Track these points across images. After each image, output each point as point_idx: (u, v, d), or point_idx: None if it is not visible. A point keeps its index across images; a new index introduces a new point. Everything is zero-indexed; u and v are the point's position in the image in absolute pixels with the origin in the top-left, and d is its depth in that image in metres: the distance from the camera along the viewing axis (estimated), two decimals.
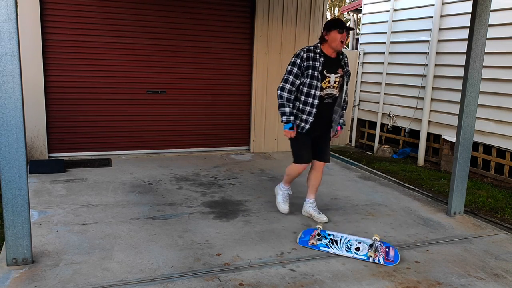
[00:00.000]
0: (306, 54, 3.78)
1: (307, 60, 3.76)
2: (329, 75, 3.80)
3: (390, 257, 3.28)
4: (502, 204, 5.15)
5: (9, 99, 2.82)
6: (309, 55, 3.78)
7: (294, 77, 3.81)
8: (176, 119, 6.64)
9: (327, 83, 3.80)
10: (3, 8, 2.73)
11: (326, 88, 3.81)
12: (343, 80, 3.91)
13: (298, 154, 4.03)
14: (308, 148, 4.02)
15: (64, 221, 3.88)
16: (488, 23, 4.14)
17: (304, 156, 4.02)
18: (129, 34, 6.12)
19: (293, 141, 4.03)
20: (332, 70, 3.82)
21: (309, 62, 3.76)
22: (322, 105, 3.87)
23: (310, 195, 4.26)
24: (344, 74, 3.90)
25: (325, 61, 3.78)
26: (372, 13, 8.84)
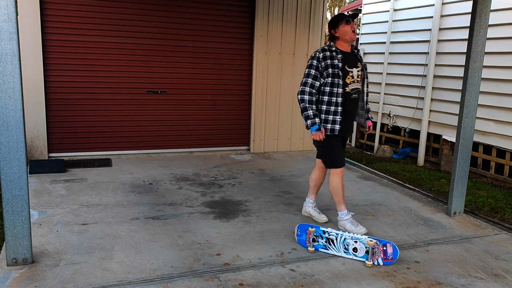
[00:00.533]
0: (322, 54, 3.70)
1: (325, 60, 3.68)
2: (351, 69, 3.73)
3: (388, 255, 3.28)
4: (502, 204, 5.15)
5: (9, 99, 2.82)
6: (326, 54, 3.70)
7: (313, 79, 3.69)
8: (176, 119, 6.64)
9: (351, 78, 3.72)
10: (3, 8, 2.73)
11: (351, 83, 3.74)
12: (364, 74, 3.85)
13: (335, 157, 3.84)
14: (341, 150, 3.89)
15: (64, 221, 3.88)
16: (488, 23, 4.14)
17: (341, 158, 3.87)
18: (129, 34, 6.12)
19: (325, 147, 3.82)
20: (352, 64, 3.76)
21: (327, 61, 3.68)
22: (348, 102, 3.77)
23: (311, 194, 4.21)
24: (363, 67, 3.85)
25: (344, 57, 3.73)
26: (372, 13, 8.84)
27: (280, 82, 7.05)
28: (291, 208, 4.49)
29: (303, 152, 7.34)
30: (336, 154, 3.84)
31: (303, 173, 5.93)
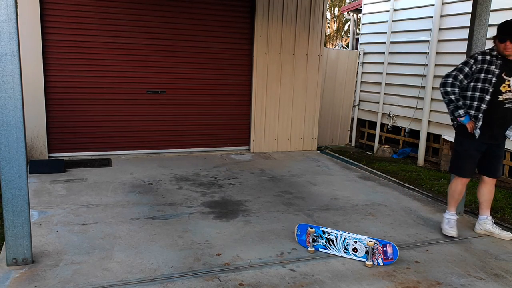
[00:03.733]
0: (482, 56, 3.60)
1: (482, 63, 3.59)
2: (509, 78, 3.55)
3: (388, 255, 3.28)
4: (502, 204, 5.15)
5: (9, 99, 2.82)
6: (485, 58, 3.60)
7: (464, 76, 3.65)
8: (176, 119, 6.64)
9: (507, 87, 3.55)
10: (3, 8, 2.73)
11: (506, 92, 3.55)
12: None
13: (459, 165, 3.83)
14: (473, 160, 3.78)
15: (64, 221, 3.88)
16: (488, 23, 4.14)
17: (466, 168, 3.81)
18: (129, 34, 6.12)
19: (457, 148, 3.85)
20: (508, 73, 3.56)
21: (484, 66, 3.58)
22: (501, 111, 3.60)
23: (484, 211, 3.94)
24: None
25: (503, 64, 3.56)
26: (372, 13, 8.84)
27: (280, 82, 7.05)
28: (291, 208, 4.49)
29: (303, 152, 7.34)
30: (462, 160, 3.82)
31: (303, 173, 5.93)
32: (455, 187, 3.91)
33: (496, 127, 3.69)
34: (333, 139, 9.00)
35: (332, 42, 21.93)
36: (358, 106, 9.08)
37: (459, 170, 3.86)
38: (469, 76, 3.65)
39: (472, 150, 3.77)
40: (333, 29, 22.52)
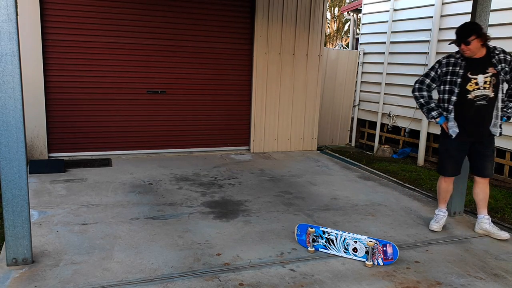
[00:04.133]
0: (446, 60, 3.78)
1: (447, 66, 3.75)
2: (475, 76, 3.65)
3: (388, 255, 3.28)
4: (502, 204, 5.15)
5: (9, 99, 2.82)
6: (449, 60, 3.77)
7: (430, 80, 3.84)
8: (176, 119, 6.64)
9: (474, 85, 3.65)
10: (3, 8, 2.73)
11: (475, 90, 3.65)
12: (498, 79, 3.65)
13: (441, 164, 4.00)
14: (454, 160, 3.89)
15: (64, 221, 3.88)
16: (488, 23, 4.14)
17: (446, 167, 3.93)
18: (129, 34, 6.12)
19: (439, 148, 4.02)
20: (478, 71, 3.66)
21: (449, 68, 3.74)
22: (474, 109, 3.69)
23: (481, 210, 4.00)
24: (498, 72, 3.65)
25: (468, 63, 3.68)
26: (372, 13, 8.84)
27: (280, 82, 7.05)
28: (291, 208, 4.49)
29: (303, 152, 7.34)
30: (445, 161, 3.95)
31: (303, 173, 5.93)
32: (439, 185, 4.07)
33: (472, 126, 3.76)
34: (333, 139, 9.00)
35: (332, 42, 21.93)
36: (358, 106, 9.08)
37: (441, 168, 4.02)
38: (436, 79, 3.83)
39: (452, 150, 3.89)
40: (333, 29, 22.53)
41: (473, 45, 3.59)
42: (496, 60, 3.67)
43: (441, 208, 4.09)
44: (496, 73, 3.65)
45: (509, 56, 3.69)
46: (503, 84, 3.70)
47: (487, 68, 3.66)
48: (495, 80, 3.65)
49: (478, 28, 3.65)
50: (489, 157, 3.85)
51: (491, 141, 3.85)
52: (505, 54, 3.70)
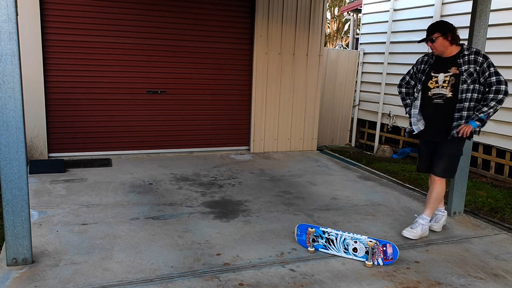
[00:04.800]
0: (421, 58, 3.85)
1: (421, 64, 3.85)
2: (437, 74, 3.70)
3: (388, 255, 3.28)
4: (502, 204, 5.15)
5: (9, 99, 2.82)
6: (423, 58, 3.85)
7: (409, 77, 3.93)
8: (176, 119, 6.64)
9: (434, 83, 3.70)
10: (3, 8, 2.73)
11: (434, 88, 3.70)
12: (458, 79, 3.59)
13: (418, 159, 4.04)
14: (422, 156, 3.92)
15: (64, 221, 3.88)
16: (488, 23, 4.14)
17: (418, 164, 4.02)
18: (129, 34, 6.12)
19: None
20: (441, 70, 3.69)
21: (421, 66, 3.83)
22: (431, 107, 3.74)
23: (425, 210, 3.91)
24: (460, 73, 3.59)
25: (435, 62, 3.75)
26: (372, 13, 8.84)
27: (280, 82, 7.05)
28: (291, 208, 4.49)
29: (303, 152, 7.34)
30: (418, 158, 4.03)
31: (303, 173, 5.93)
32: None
33: (429, 123, 3.80)
34: (333, 139, 9.00)
35: (332, 42, 21.93)
36: (358, 106, 9.08)
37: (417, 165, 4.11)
38: (413, 76, 3.93)
39: (421, 147, 3.96)
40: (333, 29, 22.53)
41: (438, 42, 3.62)
42: (463, 61, 3.61)
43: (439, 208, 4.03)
44: (458, 73, 3.61)
45: (482, 58, 3.55)
46: (469, 85, 3.57)
47: (450, 68, 3.66)
48: (454, 80, 3.62)
49: (445, 27, 3.62)
50: (443, 156, 3.75)
51: (451, 142, 3.70)
52: (478, 55, 3.58)
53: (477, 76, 3.57)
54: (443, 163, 3.76)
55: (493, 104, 3.53)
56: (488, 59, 3.57)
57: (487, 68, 3.54)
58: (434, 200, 3.83)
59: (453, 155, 3.74)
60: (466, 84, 3.59)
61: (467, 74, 3.58)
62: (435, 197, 3.82)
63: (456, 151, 3.74)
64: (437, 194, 3.82)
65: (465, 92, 3.60)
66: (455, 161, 3.78)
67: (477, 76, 3.57)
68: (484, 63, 3.55)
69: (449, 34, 3.61)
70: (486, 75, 3.54)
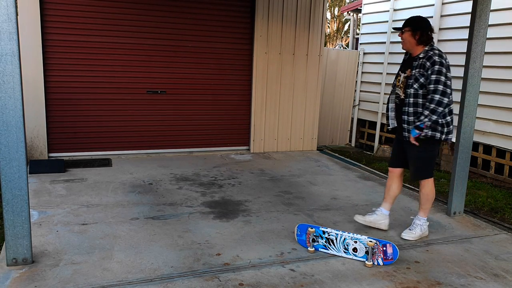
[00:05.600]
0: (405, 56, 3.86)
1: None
2: (400, 73, 3.71)
3: (388, 255, 3.28)
4: (502, 204, 5.15)
5: (9, 99, 2.82)
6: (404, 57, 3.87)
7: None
8: (176, 119, 6.64)
9: (398, 82, 3.74)
10: (3, 8, 2.73)
11: (396, 87, 3.74)
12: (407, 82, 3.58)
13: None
14: (394, 151, 3.91)
15: (64, 221, 3.88)
16: (488, 23, 4.14)
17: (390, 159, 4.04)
18: (129, 34, 6.12)
19: None
20: (403, 69, 3.70)
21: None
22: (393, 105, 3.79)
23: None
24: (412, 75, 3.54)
25: (407, 61, 3.74)
26: (372, 13, 8.84)
27: (280, 82, 7.05)
28: (291, 208, 4.49)
29: (303, 152, 7.34)
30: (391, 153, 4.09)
31: (303, 173, 5.93)
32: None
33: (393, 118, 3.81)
34: (333, 139, 8.99)
35: (332, 42, 21.93)
36: (358, 106, 9.08)
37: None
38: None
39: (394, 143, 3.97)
40: (333, 29, 22.52)
41: (405, 36, 3.60)
42: (416, 64, 3.57)
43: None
44: (408, 76, 3.58)
45: (431, 63, 3.46)
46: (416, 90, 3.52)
47: (407, 69, 3.66)
48: (405, 82, 3.61)
49: (417, 24, 3.55)
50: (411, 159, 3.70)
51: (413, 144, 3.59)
52: (428, 60, 3.48)
53: (424, 81, 3.51)
54: (413, 166, 3.75)
55: (426, 113, 3.46)
56: (436, 65, 3.43)
57: (430, 75, 3.46)
58: (424, 202, 3.81)
59: (419, 157, 3.64)
60: (412, 89, 3.54)
61: (414, 79, 3.54)
62: (424, 198, 3.79)
63: (420, 152, 3.63)
64: (424, 195, 3.78)
65: (409, 96, 3.56)
66: (424, 162, 3.68)
67: (424, 81, 3.51)
68: (429, 69, 3.46)
69: (418, 32, 3.53)
70: (427, 82, 3.49)
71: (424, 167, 3.71)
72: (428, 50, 3.56)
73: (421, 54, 3.57)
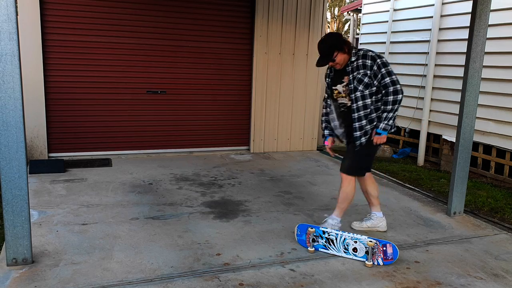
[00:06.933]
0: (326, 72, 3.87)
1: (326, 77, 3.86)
2: (336, 87, 3.70)
3: (388, 255, 3.28)
4: (502, 204, 5.15)
5: (9, 99, 2.82)
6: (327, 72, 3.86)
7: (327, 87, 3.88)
8: (176, 119, 6.64)
9: (337, 94, 3.71)
10: (3, 8, 2.73)
11: (339, 98, 3.70)
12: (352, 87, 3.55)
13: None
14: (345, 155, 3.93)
15: (64, 221, 3.88)
16: (488, 23, 4.14)
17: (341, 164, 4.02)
18: (129, 34, 6.12)
19: None
20: (337, 81, 3.69)
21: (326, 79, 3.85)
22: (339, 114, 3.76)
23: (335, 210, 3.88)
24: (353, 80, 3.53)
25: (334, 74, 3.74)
26: (372, 13, 8.84)
27: (280, 82, 7.05)
28: (291, 208, 4.49)
29: (303, 152, 7.34)
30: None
31: (303, 173, 5.93)
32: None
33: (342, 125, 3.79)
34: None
35: None
36: None
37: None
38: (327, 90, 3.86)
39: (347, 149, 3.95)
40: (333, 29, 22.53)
41: (339, 58, 3.52)
42: (351, 68, 3.55)
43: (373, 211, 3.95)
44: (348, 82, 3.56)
45: (371, 60, 3.47)
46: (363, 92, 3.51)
47: (343, 78, 3.61)
48: (349, 90, 3.58)
49: (337, 41, 3.51)
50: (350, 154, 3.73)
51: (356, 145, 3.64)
52: (365, 59, 3.50)
53: (371, 80, 3.49)
54: (349, 160, 3.72)
55: (390, 108, 3.51)
56: (377, 59, 3.47)
57: (379, 70, 3.47)
58: (343, 200, 3.75)
59: (360, 154, 3.67)
60: (358, 91, 3.52)
61: (357, 81, 3.52)
62: (343, 197, 3.74)
63: (363, 151, 3.65)
64: (345, 194, 3.73)
65: (358, 100, 3.54)
66: (362, 160, 3.70)
67: (370, 80, 3.49)
68: (374, 65, 3.47)
69: (345, 47, 3.50)
70: (379, 77, 3.49)
71: (360, 165, 3.74)
72: (355, 52, 3.58)
73: (352, 58, 3.56)
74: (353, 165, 3.71)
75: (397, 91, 3.51)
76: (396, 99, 3.52)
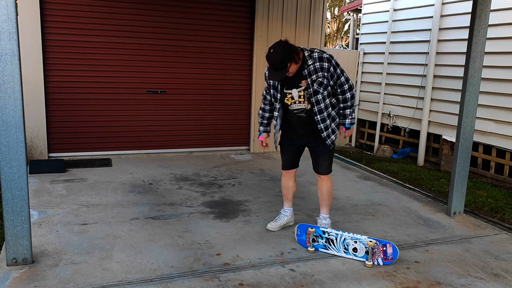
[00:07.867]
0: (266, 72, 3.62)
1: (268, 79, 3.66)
2: (290, 91, 3.59)
3: (388, 255, 3.28)
4: (502, 204, 5.15)
5: (9, 99, 2.82)
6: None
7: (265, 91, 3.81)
8: (176, 119, 6.64)
9: (290, 99, 3.60)
10: (3, 8, 2.73)
11: (292, 104, 3.60)
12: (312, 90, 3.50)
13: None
14: (290, 155, 4.03)
15: (64, 221, 3.88)
16: (488, 23, 4.14)
17: (282, 163, 4.15)
18: (129, 34, 6.12)
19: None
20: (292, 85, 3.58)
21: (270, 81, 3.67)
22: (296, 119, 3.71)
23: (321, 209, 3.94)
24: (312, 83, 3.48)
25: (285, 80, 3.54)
26: (372, 13, 8.84)
27: None
28: None
29: None
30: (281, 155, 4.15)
31: (302, 173, 5.92)
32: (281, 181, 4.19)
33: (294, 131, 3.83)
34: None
35: (332, 42, 21.93)
36: (358, 106, 9.08)
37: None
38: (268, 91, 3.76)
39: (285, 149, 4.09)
40: (333, 29, 22.52)
41: (292, 68, 3.43)
42: (308, 72, 3.48)
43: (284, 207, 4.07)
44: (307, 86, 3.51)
45: (327, 63, 3.46)
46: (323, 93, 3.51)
47: (300, 82, 3.54)
48: (308, 94, 3.53)
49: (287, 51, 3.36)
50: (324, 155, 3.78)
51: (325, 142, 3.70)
52: (322, 61, 3.46)
53: (328, 82, 3.51)
54: (325, 161, 3.80)
55: (350, 103, 3.64)
56: (332, 60, 3.49)
57: (335, 71, 3.50)
58: (327, 197, 3.85)
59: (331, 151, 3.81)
60: (320, 94, 3.51)
61: (318, 84, 3.49)
62: (327, 193, 3.85)
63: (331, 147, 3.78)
64: (328, 190, 3.85)
65: (320, 102, 3.53)
66: (332, 157, 3.87)
67: (327, 82, 3.50)
68: (330, 66, 3.47)
69: (295, 56, 3.41)
70: (335, 77, 3.52)
71: (332, 162, 3.88)
72: (308, 55, 3.51)
73: (308, 61, 3.48)
74: (330, 163, 3.85)
75: (351, 86, 3.63)
76: (353, 94, 3.66)
